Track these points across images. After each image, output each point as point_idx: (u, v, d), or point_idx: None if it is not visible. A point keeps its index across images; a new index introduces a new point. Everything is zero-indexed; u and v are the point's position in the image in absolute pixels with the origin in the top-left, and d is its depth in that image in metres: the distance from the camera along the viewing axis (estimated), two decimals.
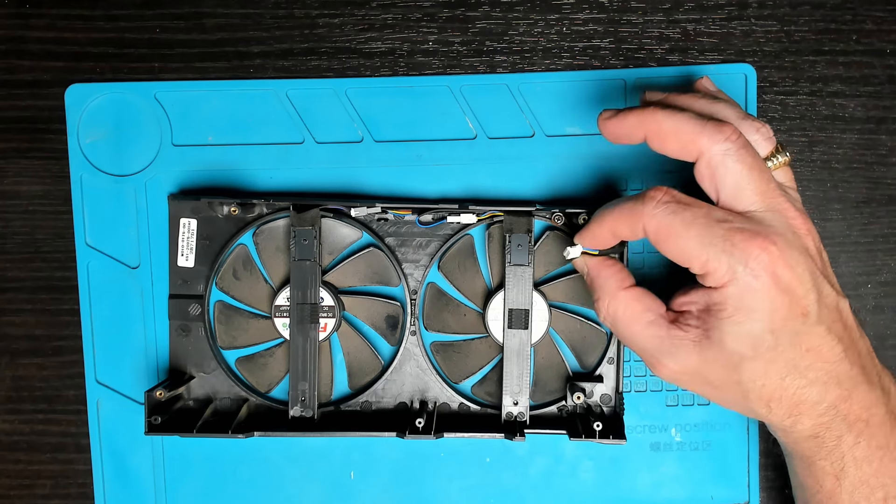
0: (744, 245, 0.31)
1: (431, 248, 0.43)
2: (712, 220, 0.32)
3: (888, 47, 0.43)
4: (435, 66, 0.43)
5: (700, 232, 0.32)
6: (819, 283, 0.32)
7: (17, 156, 0.43)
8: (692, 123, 0.33)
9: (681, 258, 0.33)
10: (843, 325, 0.33)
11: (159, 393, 0.39)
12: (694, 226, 0.32)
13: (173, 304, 0.42)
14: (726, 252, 0.31)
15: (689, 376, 0.34)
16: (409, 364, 0.43)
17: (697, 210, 0.32)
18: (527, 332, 0.41)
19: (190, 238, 0.42)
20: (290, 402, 0.41)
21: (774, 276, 0.31)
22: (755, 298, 0.31)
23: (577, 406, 0.42)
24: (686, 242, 0.32)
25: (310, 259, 0.41)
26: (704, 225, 0.32)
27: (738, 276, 0.31)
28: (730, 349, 0.32)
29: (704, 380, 0.34)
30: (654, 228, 0.33)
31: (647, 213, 0.33)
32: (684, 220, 0.32)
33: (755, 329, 0.31)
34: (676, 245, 0.32)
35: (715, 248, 0.31)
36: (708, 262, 0.31)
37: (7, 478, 0.44)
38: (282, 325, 0.42)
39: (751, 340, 0.32)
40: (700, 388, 0.34)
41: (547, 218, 0.41)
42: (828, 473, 0.34)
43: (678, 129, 0.33)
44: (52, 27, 0.43)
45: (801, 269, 0.32)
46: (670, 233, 0.32)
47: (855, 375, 0.33)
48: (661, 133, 0.34)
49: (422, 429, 0.40)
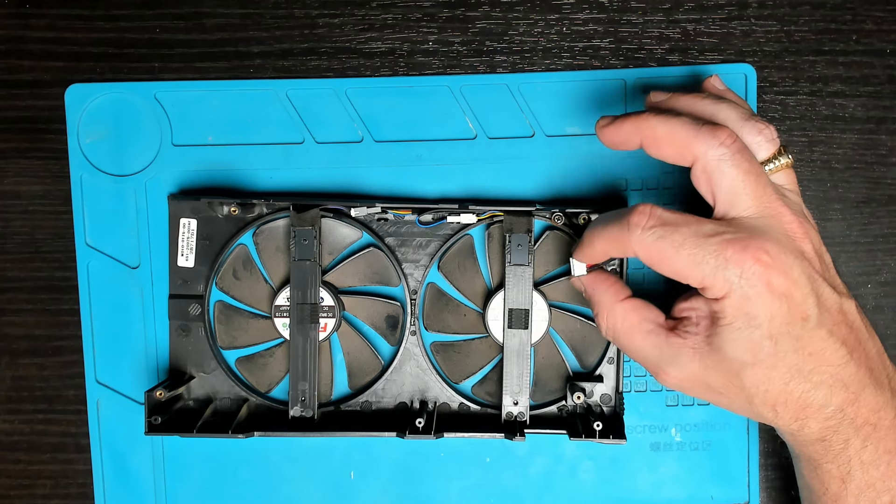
0: (736, 257, 0.31)
1: (431, 248, 0.43)
2: (701, 236, 0.31)
3: (888, 47, 0.43)
4: (435, 66, 0.43)
5: (691, 251, 0.31)
6: (818, 286, 0.32)
7: (17, 156, 0.43)
8: (686, 128, 0.33)
9: (677, 278, 0.32)
10: (847, 327, 0.33)
11: (159, 393, 0.39)
12: (684, 246, 0.31)
13: (173, 304, 0.42)
14: (720, 267, 0.31)
15: (693, 383, 0.34)
16: (409, 364, 0.43)
17: (685, 229, 0.32)
18: (527, 331, 0.41)
19: (190, 238, 0.42)
20: (290, 402, 0.41)
21: (769, 284, 0.31)
22: (752, 307, 0.31)
23: (577, 406, 0.42)
24: (679, 265, 0.32)
25: (310, 259, 0.41)
26: (694, 244, 0.31)
27: (734, 288, 0.31)
28: (730, 356, 0.32)
29: (708, 386, 0.33)
30: (645, 254, 0.32)
31: (633, 241, 0.32)
32: (673, 243, 0.32)
33: (754, 336, 0.31)
34: (671, 268, 0.32)
35: (708, 265, 0.31)
36: (704, 278, 0.31)
37: (7, 478, 0.44)
38: (282, 325, 0.42)
39: (750, 347, 0.32)
40: (705, 395, 0.34)
41: (547, 218, 0.41)
42: (834, 477, 0.34)
43: (672, 134, 0.33)
44: (52, 27, 0.43)
45: (796, 273, 0.31)
46: (662, 258, 0.32)
47: (862, 378, 0.33)
48: (656, 139, 0.33)
49: (422, 429, 0.40)
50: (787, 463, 0.44)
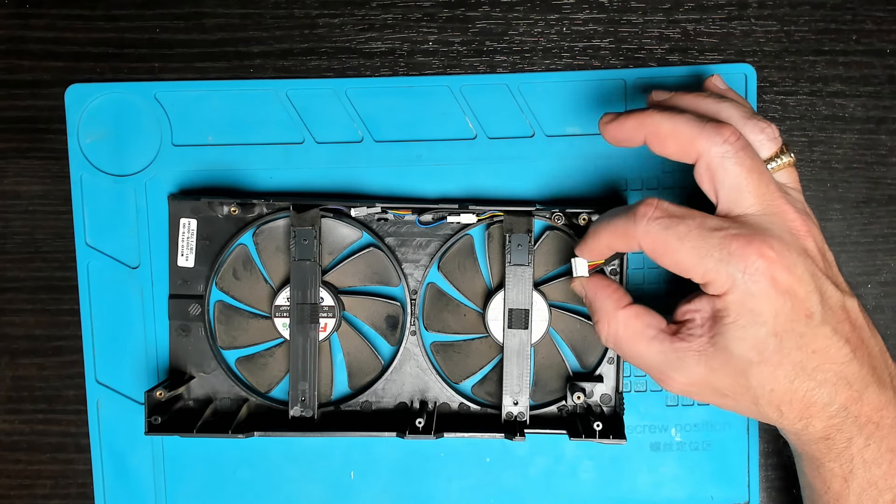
0: (740, 252, 0.31)
1: (431, 248, 0.43)
2: (706, 229, 0.32)
3: (888, 47, 0.43)
4: (435, 66, 0.43)
5: (695, 244, 0.31)
6: (821, 283, 0.32)
7: (17, 156, 0.43)
8: (690, 125, 0.33)
9: (679, 270, 0.32)
10: (850, 325, 0.33)
11: (159, 393, 0.39)
12: (688, 238, 0.32)
13: (173, 304, 0.42)
14: (723, 261, 0.31)
15: (699, 387, 0.33)
16: (409, 364, 0.43)
17: (690, 221, 0.32)
18: (527, 331, 0.41)
19: (190, 238, 0.42)
20: (290, 402, 0.41)
21: (773, 280, 0.31)
22: (756, 303, 0.31)
23: (578, 406, 0.42)
24: (682, 256, 0.32)
25: (310, 259, 0.41)
26: (699, 236, 0.31)
27: (737, 284, 0.31)
28: (736, 355, 0.32)
29: (714, 389, 0.33)
30: (649, 245, 0.33)
31: (639, 231, 0.32)
32: (678, 234, 0.32)
33: (759, 333, 0.31)
34: (673, 259, 0.32)
35: (712, 258, 0.31)
36: (707, 272, 0.31)
37: (7, 478, 0.44)
38: (282, 325, 0.42)
39: (756, 344, 0.31)
40: (712, 399, 0.34)
41: (547, 218, 0.41)
42: (836, 475, 0.34)
43: (676, 131, 0.33)
44: (52, 27, 0.43)
45: (800, 270, 0.31)
46: (666, 248, 0.32)
47: (865, 376, 0.33)
48: (660, 135, 0.33)
49: (422, 429, 0.40)
50: (787, 463, 0.44)
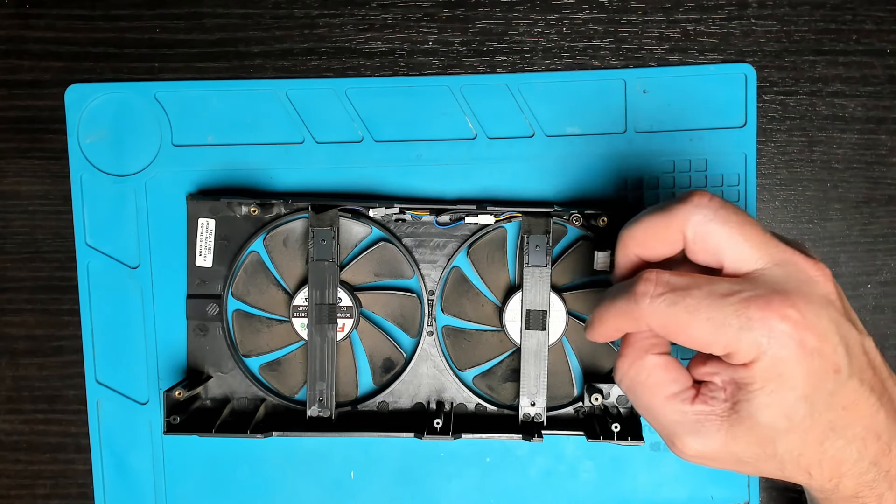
0: (761, 315, 0.28)
1: (449, 249, 0.43)
2: (718, 297, 0.29)
3: (888, 47, 0.43)
4: (435, 66, 0.43)
5: (709, 315, 0.28)
6: (844, 332, 0.30)
7: (17, 156, 0.43)
8: (657, 215, 0.31)
9: (698, 346, 0.29)
10: (872, 371, 0.30)
11: (178, 392, 0.39)
12: (700, 310, 0.29)
13: (191, 303, 0.42)
14: (744, 329, 0.28)
15: (716, 454, 0.30)
16: (425, 364, 0.43)
17: (698, 291, 0.29)
18: (544, 333, 0.41)
19: (208, 238, 0.42)
20: (308, 402, 0.41)
21: (801, 343, 0.28)
22: (786, 367, 0.28)
23: (595, 407, 0.42)
24: (697, 331, 0.29)
25: (328, 259, 0.41)
26: (711, 306, 0.29)
27: (764, 351, 0.28)
28: (763, 423, 0.29)
29: (734, 457, 0.30)
30: (660, 326, 0.30)
31: (645, 313, 0.30)
32: (688, 308, 0.29)
33: (788, 399, 0.29)
34: (688, 335, 0.29)
35: (731, 327, 0.28)
36: (728, 344, 0.29)
37: (7, 478, 0.44)
38: (300, 326, 0.41)
39: (784, 412, 0.29)
40: (729, 466, 0.31)
41: (565, 219, 0.41)
42: None
43: (649, 229, 0.31)
44: (52, 27, 0.43)
45: (825, 323, 0.29)
46: (678, 326, 0.29)
47: (891, 426, 0.30)
48: (643, 243, 0.32)
49: (439, 430, 0.40)
50: None
